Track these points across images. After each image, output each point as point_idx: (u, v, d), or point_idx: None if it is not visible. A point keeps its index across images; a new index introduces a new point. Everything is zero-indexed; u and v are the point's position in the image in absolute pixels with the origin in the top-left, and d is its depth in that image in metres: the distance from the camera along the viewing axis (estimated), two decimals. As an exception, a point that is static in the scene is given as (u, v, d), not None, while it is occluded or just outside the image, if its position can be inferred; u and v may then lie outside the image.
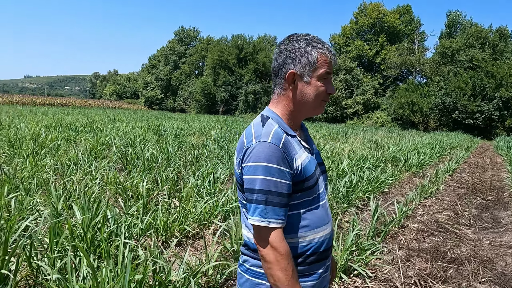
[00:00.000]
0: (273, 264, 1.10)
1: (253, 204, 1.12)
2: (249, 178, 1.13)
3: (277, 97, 1.26)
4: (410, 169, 7.60)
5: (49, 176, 5.10)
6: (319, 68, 1.17)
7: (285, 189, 1.13)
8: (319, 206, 1.24)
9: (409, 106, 27.87)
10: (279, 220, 1.12)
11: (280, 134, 1.17)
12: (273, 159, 1.11)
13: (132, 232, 3.03)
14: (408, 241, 3.91)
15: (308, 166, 1.20)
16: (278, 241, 1.11)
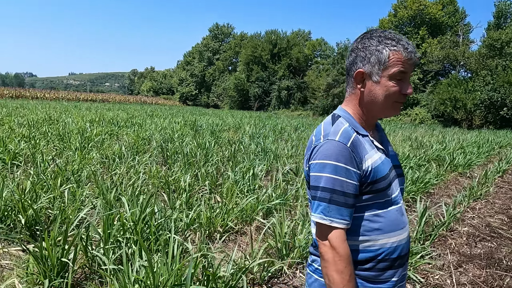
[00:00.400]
0: (330, 264, 1.08)
1: (316, 201, 1.11)
2: (315, 175, 1.12)
3: (348, 95, 1.25)
4: (456, 169, 7.20)
5: (96, 169, 5.34)
6: (391, 67, 1.12)
7: (351, 189, 1.10)
8: (392, 210, 1.19)
9: (451, 102, 26.43)
10: (343, 220, 1.10)
11: (350, 133, 1.15)
12: (340, 158, 1.09)
13: (177, 226, 3.10)
14: (458, 246, 3.70)
15: (381, 167, 1.16)
16: (339, 241, 1.08)
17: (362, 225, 1.16)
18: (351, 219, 1.12)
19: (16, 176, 4.49)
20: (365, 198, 1.15)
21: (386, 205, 1.18)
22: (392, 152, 1.33)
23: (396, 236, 1.18)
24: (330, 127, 1.17)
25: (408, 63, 1.13)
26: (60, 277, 2.18)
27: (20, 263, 2.42)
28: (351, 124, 1.18)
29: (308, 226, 3.01)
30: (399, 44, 1.12)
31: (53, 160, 5.60)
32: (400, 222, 1.20)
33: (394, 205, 1.20)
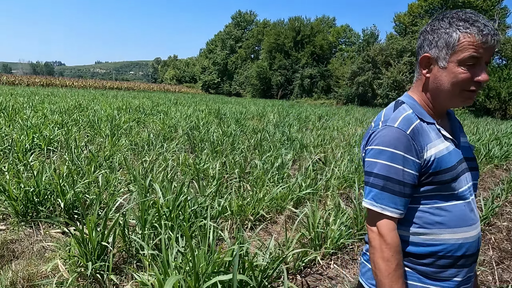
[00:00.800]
0: (376, 251, 1.05)
1: (369, 187, 1.09)
2: (369, 161, 1.09)
3: (415, 81, 1.18)
4: (491, 161, 6.88)
5: (126, 156, 5.45)
6: (461, 51, 1.02)
7: (407, 178, 1.05)
8: (459, 205, 1.11)
9: (484, 91, 25.20)
10: (395, 209, 1.06)
11: (411, 120, 1.08)
12: (398, 145, 1.04)
13: (210, 214, 3.11)
14: (498, 241, 3.54)
15: (446, 158, 1.08)
16: (387, 230, 1.05)
17: (421, 217, 1.10)
18: (405, 209, 1.08)
19: (53, 161, 4.65)
20: (425, 189, 1.09)
21: (450, 198, 1.11)
22: (466, 143, 1.24)
23: (462, 233, 1.11)
24: (391, 113, 1.12)
25: (483, 47, 1.02)
26: (100, 260, 2.24)
27: (61, 245, 2.50)
28: (415, 110, 1.12)
29: (342, 217, 2.95)
30: (473, 26, 1.01)
31: (85, 146, 5.76)
32: (468, 218, 1.12)
33: (462, 200, 1.12)
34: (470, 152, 1.22)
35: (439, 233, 1.09)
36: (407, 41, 32.70)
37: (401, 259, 1.06)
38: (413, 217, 1.10)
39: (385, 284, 1.04)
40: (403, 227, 1.11)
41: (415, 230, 1.10)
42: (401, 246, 1.08)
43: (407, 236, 1.11)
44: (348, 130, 10.57)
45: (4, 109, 9.99)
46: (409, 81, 31.55)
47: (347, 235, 2.91)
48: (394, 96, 32.00)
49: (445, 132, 1.14)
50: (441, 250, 1.09)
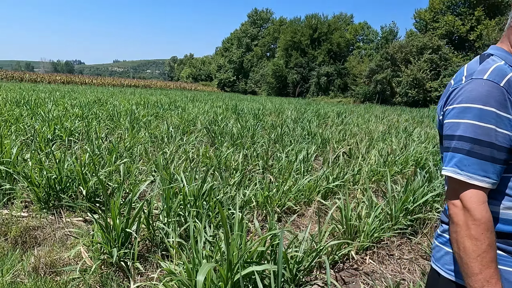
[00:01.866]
0: (461, 228, 0.87)
1: (450, 152, 0.91)
2: (450, 122, 0.92)
3: (505, 30, 1.00)
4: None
5: (147, 147, 5.38)
6: None
7: (502, 140, 0.87)
8: None
9: (510, 89, 24.31)
10: (486, 178, 0.87)
11: (505, 71, 0.91)
12: (489, 99, 0.86)
13: (234, 204, 2.98)
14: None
15: None
16: (475, 202, 0.87)
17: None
18: (498, 179, 0.90)
19: (74, 151, 4.61)
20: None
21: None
22: None
23: None
24: (476, 66, 0.95)
25: None
26: (124, 248, 2.13)
27: (84, 232, 2.41)
28: (508, 61, 0.95)
29: (376, 210, 2.77)
30: None
31: (106, 137, 5.73)
32: None
33: None
34: None
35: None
36: (428, 37, 31.83)
37: (493, 239, 0.88)
38: (506, 188, 0.93)
39: (474, 268, 0.86)
40: (494, 201, 0.93)
41: (508, 205, 0.93)
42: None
43: (498, 212, 0.93)
44: (369, 127, 10.28)
45: (26, 103, 10.15)
46: (429, 78, 30.70)
47: (382, 230, 2.72)
48: (413, 94, 31.23)
49: None
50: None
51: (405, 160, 4.71)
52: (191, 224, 1.86)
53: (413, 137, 7.72)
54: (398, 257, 2.57)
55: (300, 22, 48.70)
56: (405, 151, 5.15)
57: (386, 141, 6.89)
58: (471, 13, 32.77)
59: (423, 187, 3.10)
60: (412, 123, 13.35)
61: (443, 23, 33.11)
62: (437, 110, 1.03)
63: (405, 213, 2.95)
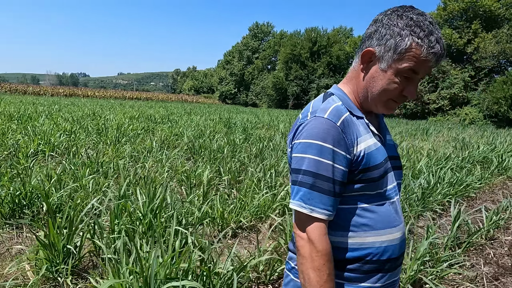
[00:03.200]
0: (306, 260, 0.93)
1: (297, 186, 0.96)
2: (297, 156, 0.97)
3: (350, 72, 1.10)
4: (505, 172, 6.55)
5: (126, 162, 5.50)
6: (404, 61, 0.94)
7: (338, 175, 0.95)
8: (384, 204, 1.04)
9: (507, 101, 24.30)
10: (325, 210, 0.94)
11: (341, 112, 0.99)
12: (327, 137, 0.94)
13: (189, 220, 3.06)
14: (497, 256, 3.31)
15: (375, 154, 1.01)
16: (318, 234, 0.93)
17: (347, 219, 1.01)
18: (334, 210, 0.97)
19: (50, 166, 4.73)
20: (353, 188, 1.00)
21: (377, 198, 1.03)
22: (391, 141, 1.18)
23: (387, 235, 1.03)
24: (319, 104, 1.03)
25: (424, 65, 0.94)
26: (64, 263, 2.22)
27: (32, 248, 2.50)
28: (345, 103, 1.04)
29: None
30: (427, 39, 0.91)
31: (86, 152, 5.86)
32: (393, 219, 1.05)
33: (388, 200, 1.05)
34: (395, 150, 1.15)
35: (365, 236, 1.01)
36: (425, 50, 32.02)
37: (333, 268, 0.96)
38: (339, 219, 1.01)
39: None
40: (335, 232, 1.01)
41: (345, 234, 1.01)
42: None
43: (338, 241, 1.01)
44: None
45: (20, 117, 10.37)
46: (428, 91, 30.83)
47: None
48: (412, 106, 31.33)
49: (373, 128, 1.07)
50: (367, 255, 1.01)
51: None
52: (121, 241, 1.95)
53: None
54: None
55: (300, 35, 49.30)
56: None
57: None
58: (468, 27, 33.06)
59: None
60: (404, 136, 13.41)
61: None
62: (287, 142, 1.08)
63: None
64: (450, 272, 2.71)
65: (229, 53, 64.67)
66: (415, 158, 6.30)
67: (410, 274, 2.53)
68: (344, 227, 1.01)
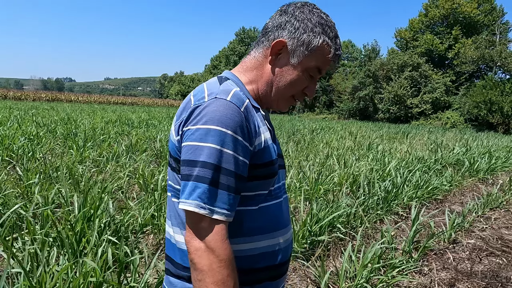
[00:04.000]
0: (206, 275, 0.74)
1: (191, 181, 0.77)
2: (192, 145, 0.78)
3: (250, 62, 0.96)
4: (476, 174, 6.53)
5: (86, 167, 5.25)
6: (313, 59, 0.90)
7: (241, 169, 0.79)
8: (277, 204, 0.92)
9: (486, 105, 24.81)
10: (226, 211, 0.77)
11: (243, 98, 0.85)
12: (231, 123, 0.78)
13: (131, 227, 2.86)
14: (457, 261, 3.20)
15: (272, 148, 0.89)
16: (219, 240, 0.76)
17: (243, 223, 0.86)
18: (235, 211, 0.81)
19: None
20: (251, 185, 0.85)
21: (270, 197, 0.91)
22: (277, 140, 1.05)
23: (281, 237, 0.92)
24: (217, 86, 0.87)
25: (328, 65, 0.93)
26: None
27: None
28: (242, 91, 0.90)
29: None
30: (334, 40, 0.91)
31: (44, 157, 5.59)
32: (285, 219, 0.95)
33: (279, 199, 0.94)
34: (280, 149, 1.03)
35: (259, 240, 0.87)
36: (408, 55, 32.58)
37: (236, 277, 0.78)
38: (237, 224, 0.84)
39: None
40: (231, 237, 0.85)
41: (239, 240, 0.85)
42: None
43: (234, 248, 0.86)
44: (334, 144, 10.29)
45: (-13, 122, 9.96)
46: (410, 95, 31.23)
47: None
48: (395, 110, 31.69)
49: (267, 122, 0.95)
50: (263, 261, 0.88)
51: (343, 178, 4.67)
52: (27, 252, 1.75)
53: (368, 153, 7.71)
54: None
55: (286, 40, 49.57)
56: (343, 169, 5.10)
57: (341, 157, 6.86)
58: (449, 32, 33.78)
59: (328, 208, 3.03)
60: (384, 139, 13.44)
61: (423, 42, 34.01)
62: (172, 130, 0.88)
63: (308, 235, 2.86)
64: (401, 280, 2.57)
65: (216, 58, 64.61)
66: (386, 160, 6.22)
67: (359, 281, 2.38)
68: (236, 232, 0.85)
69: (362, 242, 2.98)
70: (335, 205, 3.24)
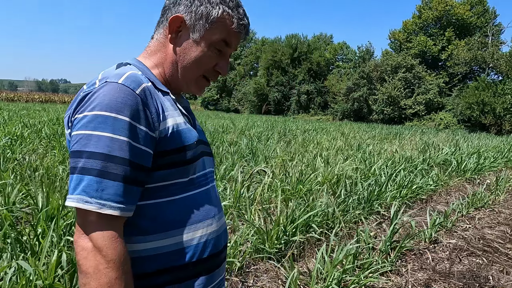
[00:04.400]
0: (91, 278, 0.67)
1: (76, 174, 0.70)
2: (79, 134, 0.71)
3: (153, 45, 0.90)
4: (463, 174, 6.50)
5: (67, 167, 5.15)
6: (216, 31, 0.85)
7: (138, 157, 0.72)
8: (201, 193, 0.86)
9: (479, 106, 24.92)
10: (120, 204, 0.70)
11: (141, 79, 0.79)
12: (123, 108, 0.71)
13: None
14: (436, 261, 3.15)
15: (187, 133, 0.83)
16: (109, 238, 0.69)
17: (153, 216, 0.78)
18: (134, 204, 0.74)
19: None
20: (161, 174, 0.78)
21: (191, 187, 0.83)
22: (199, 128, 1.01)
23: (206, 228, 0.85)
24: (112, 70, 0.81)
25: (235, 37, 0.88)
26: None
27: None
28: (145, 74, 0.84)
29: (250, 232, 2.60)
30: (236, 10, 0.86)
31: (23, 158, 5.49)
32: (211, 208, 0.88)
33: (204, 186, 0.87)
34: (204, 136, 0.98)
35: (180, 234, 0.80)
36: (402, 57, 32.69)
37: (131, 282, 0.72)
38: (144, 219, 0.77)
39: None
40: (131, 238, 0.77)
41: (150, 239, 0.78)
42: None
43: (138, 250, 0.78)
44: (325, 145, 10.25)
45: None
46: (404, 96, 31.33)
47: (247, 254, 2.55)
48: (389, 111, 31.76)
49: (181, 107, 0.88)
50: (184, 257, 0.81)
51: (326, 177, 4.60)
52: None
53: (359, 154, 7.67)
54: (251, 285, 2.39)
55: (281, 41, 49.63)
56: (328, 169, 5.05)
57: (329, 157, 6.81)
58: (442, 34, 33.96)
59: (305, 208, 2.96)
60: (376, 140, 13.42)
61: (416, 43, 34.15)
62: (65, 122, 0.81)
63: (282, 235, 2.79)
64: (373, 281, 2.51)
65: (211, 59, 64.43)
66: (372, 160, 6.18)
67: (329, 282, 2.31)
68: (152, 229, 0.78)
69: (339, 243, 2.91)
70: (312, 204, 3.18)
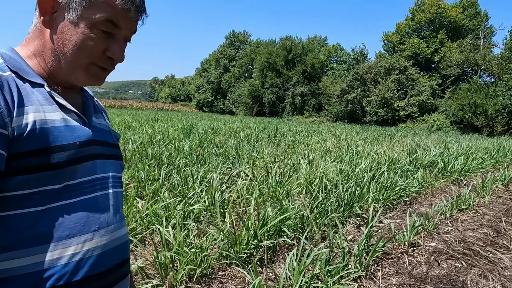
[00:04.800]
0: None
1: None
2: None
3: (32, 31, 0.80)
4: (450, 175, 6.45)
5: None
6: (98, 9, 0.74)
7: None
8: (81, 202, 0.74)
9: (471, 108, 25.04)
10: None
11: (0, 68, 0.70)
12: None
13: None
14: (414, 265, 3.06)
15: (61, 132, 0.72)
16: None
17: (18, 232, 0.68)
18: None
19: None
20: (21, 180, 0.67)
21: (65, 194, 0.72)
22: (106, 127, 0.90)
23: (82, 244, 0.72)
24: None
25: (124, 16, 0.76)
26: None
27: None
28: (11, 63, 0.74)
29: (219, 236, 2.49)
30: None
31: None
32: (92, 221, 0.75)
33: (84, 195, 0.75)
34: (111, 138, 0.88)
35: (41, 251, 0.68)
36: (395, 59, 32.82)
37: None
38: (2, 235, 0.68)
39: None
40: None
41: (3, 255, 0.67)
42: None
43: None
44: (315, 146, 10.18)
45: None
46: (397, 98, 31.43)
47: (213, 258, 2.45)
48: (383, 113, 31.84)
49: (65, 102, 0.77)
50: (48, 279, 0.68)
51: (307, 180, 4.52)
52: None
53: (347, 156, 7.60)
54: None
55: (275, 43, 49.67)
56: (311, 170, 4.96)
57: (315, 159, 6.73)
58: (434, 36, 34.15)
59: (277, 211, 2.87)
60: (368, 141, 13.38)
61: (409, 45, 34.30)
62: None
63: (252, 240, 2.69)
64: (343, 287, 2.41)
65: (206, 61, 64.40)
66: (357, 162, 6.10)
67: (297, 290, 2.21)
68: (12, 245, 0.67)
69: (313, 247, 2.82)
70: (286, 207, 3.08)
